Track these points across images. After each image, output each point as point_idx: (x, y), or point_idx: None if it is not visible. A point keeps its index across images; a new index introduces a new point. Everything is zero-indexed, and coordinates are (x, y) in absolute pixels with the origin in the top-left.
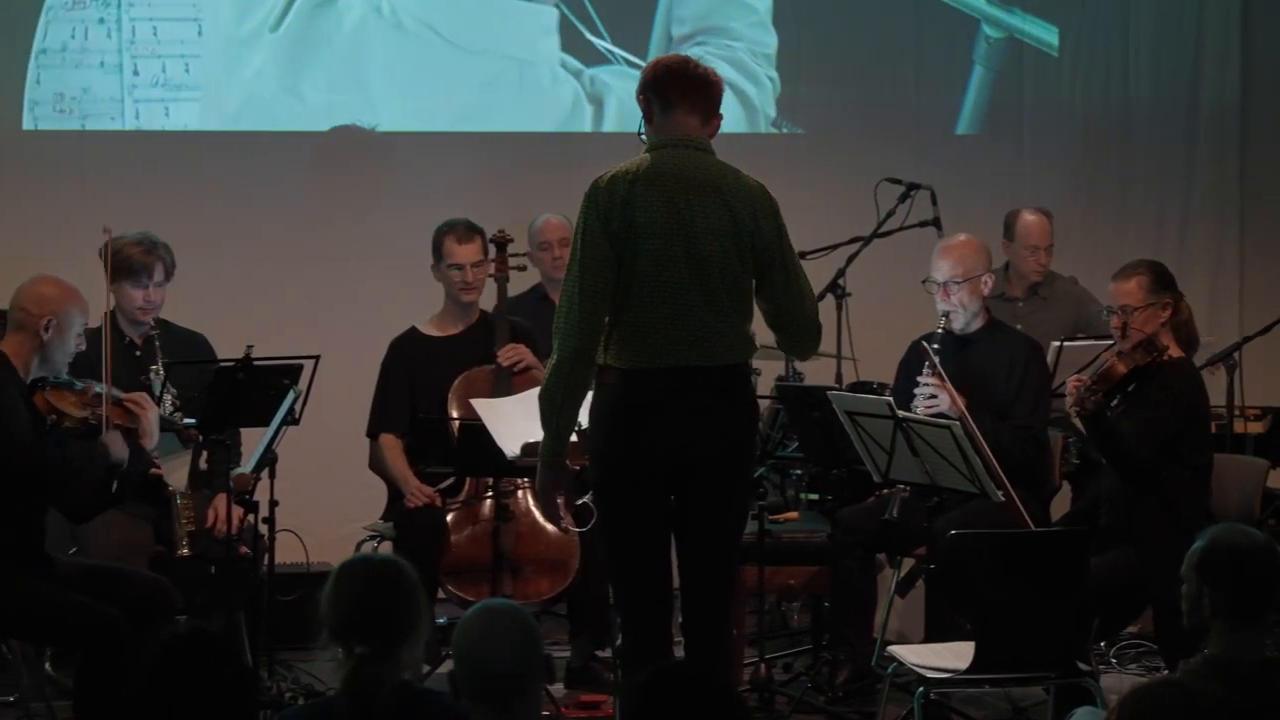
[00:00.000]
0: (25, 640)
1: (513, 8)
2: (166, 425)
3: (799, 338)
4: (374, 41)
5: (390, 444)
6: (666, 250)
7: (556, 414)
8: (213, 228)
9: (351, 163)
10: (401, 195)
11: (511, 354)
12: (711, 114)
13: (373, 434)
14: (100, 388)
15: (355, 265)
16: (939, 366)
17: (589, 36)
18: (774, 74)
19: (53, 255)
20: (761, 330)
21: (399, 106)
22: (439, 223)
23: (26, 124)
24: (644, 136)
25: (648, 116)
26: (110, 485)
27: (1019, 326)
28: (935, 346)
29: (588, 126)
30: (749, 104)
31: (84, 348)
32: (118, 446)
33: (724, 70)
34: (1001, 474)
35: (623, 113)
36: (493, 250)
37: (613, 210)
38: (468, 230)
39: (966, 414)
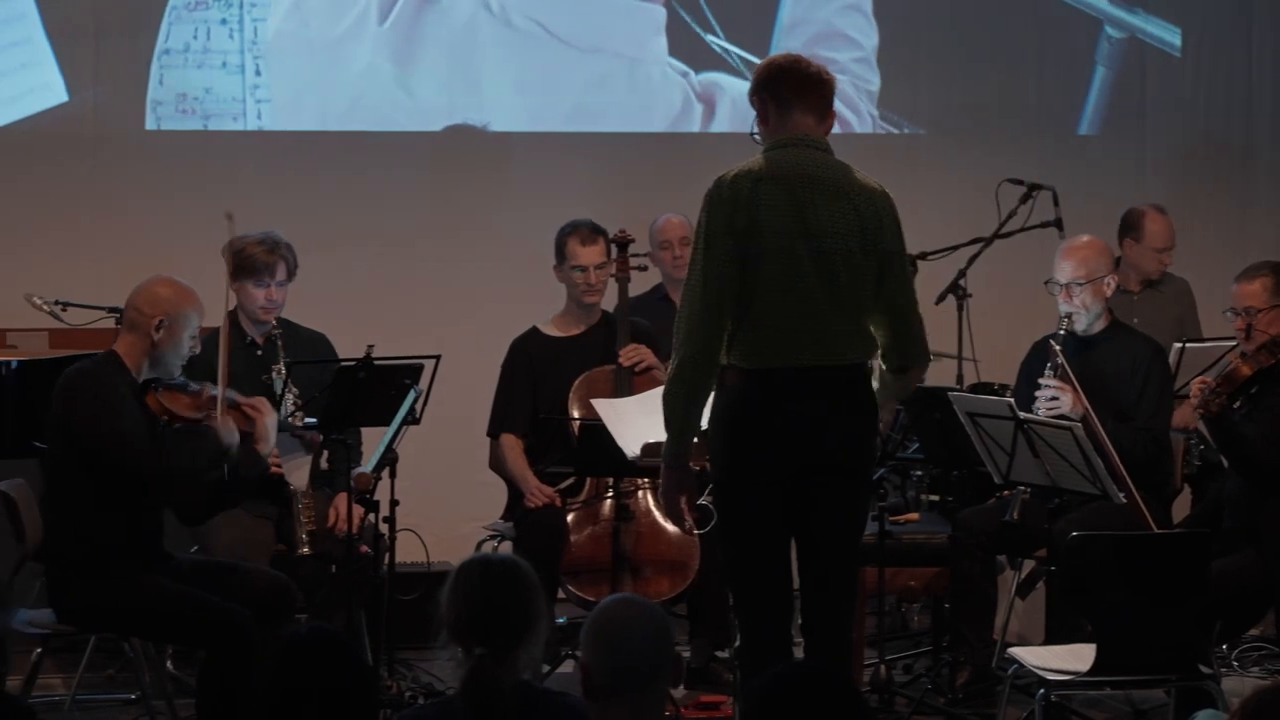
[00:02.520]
0: (147, 638)
1: (622, 5)
2: (285, 428)
3: (912, 342)
4: (483, 39)
5: (510, 444)
6: (791, 249)
7: (680, 415)
8: (334, 227)
9: (471, 163)
10: (521, 195)
11: (633, 354)
12: (826, 112)
13: (493, 434)
14: (216, 390)
15: (476, 265)
16: (1066, 367)
17: (704, 35)
18: (875, 110)
19: (175, 255)
20: None
21: (508, 104)
22: (558, 222)
23: (149, 124)
24: (757, 137)
25: (763, 117)
26: (222, 475)
27: (1134, 320)
28: (1058, 348)
29: (696, 127)
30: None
31: (198, 350)
32: (228, 430)
33: None
34: (1125, 475)
35: (735, 115)
36: (614, 250)
37: (737, 209)
38: (591, 232)
39: (1092, 414)
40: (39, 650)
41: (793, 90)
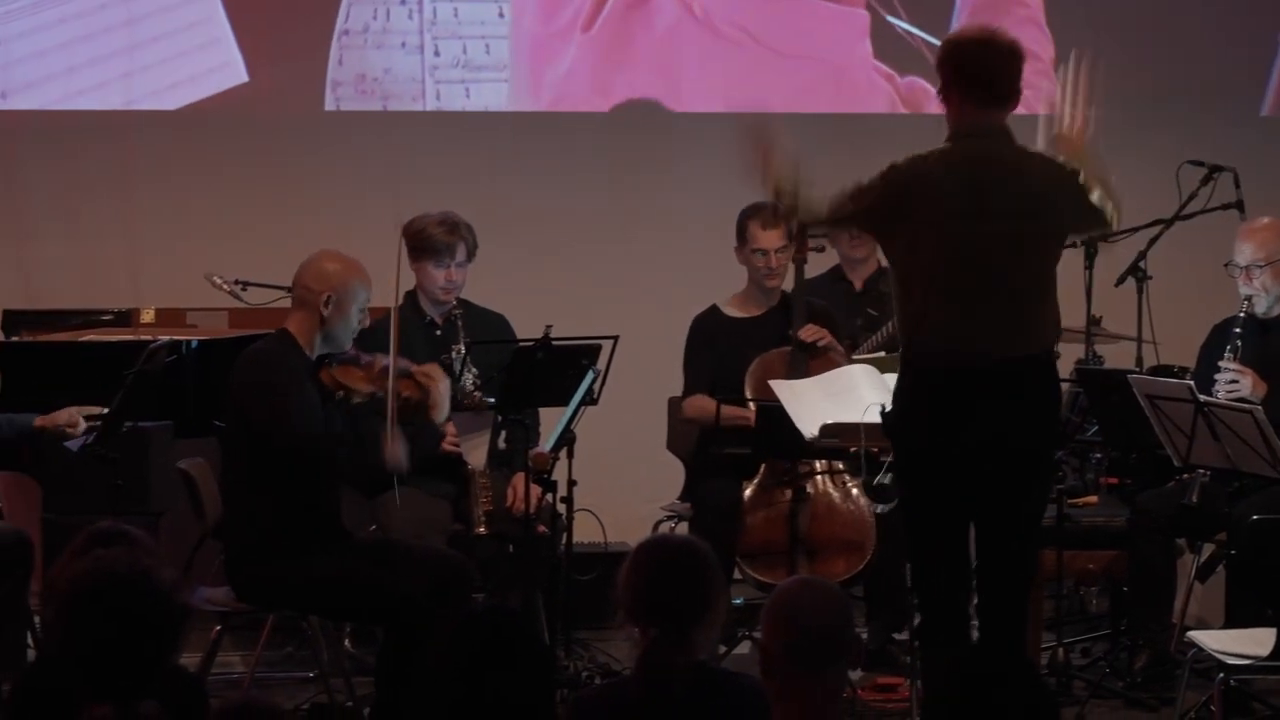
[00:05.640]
0: (324, 616)
1: (825, 10)
2: (460, 407)
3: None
4: (686, 43)
5: (704, 397)
6: (968, 236)
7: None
8: (512, 208)
9: (647, 143)
10: (697, 174)
11: (813, 333)
12: (1014, 96)
13: (687, 397)
14: (387, 360)
15: (654, 245)
16: None
17: (888, 19)
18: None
19: (354, 235)
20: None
21: (687, 96)
22: (737, 201)
23: (329, 105)
24: (940, 95)
25: (947, 97)
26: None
27: None
28: (1237, 330)
29: None
30: None
31: (367, 324)
32: (394, 458)
33: None
34: None
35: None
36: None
37: (908, 190)
38: (773, 215)
39: None
40: (218, 628)
41: (984, 83)
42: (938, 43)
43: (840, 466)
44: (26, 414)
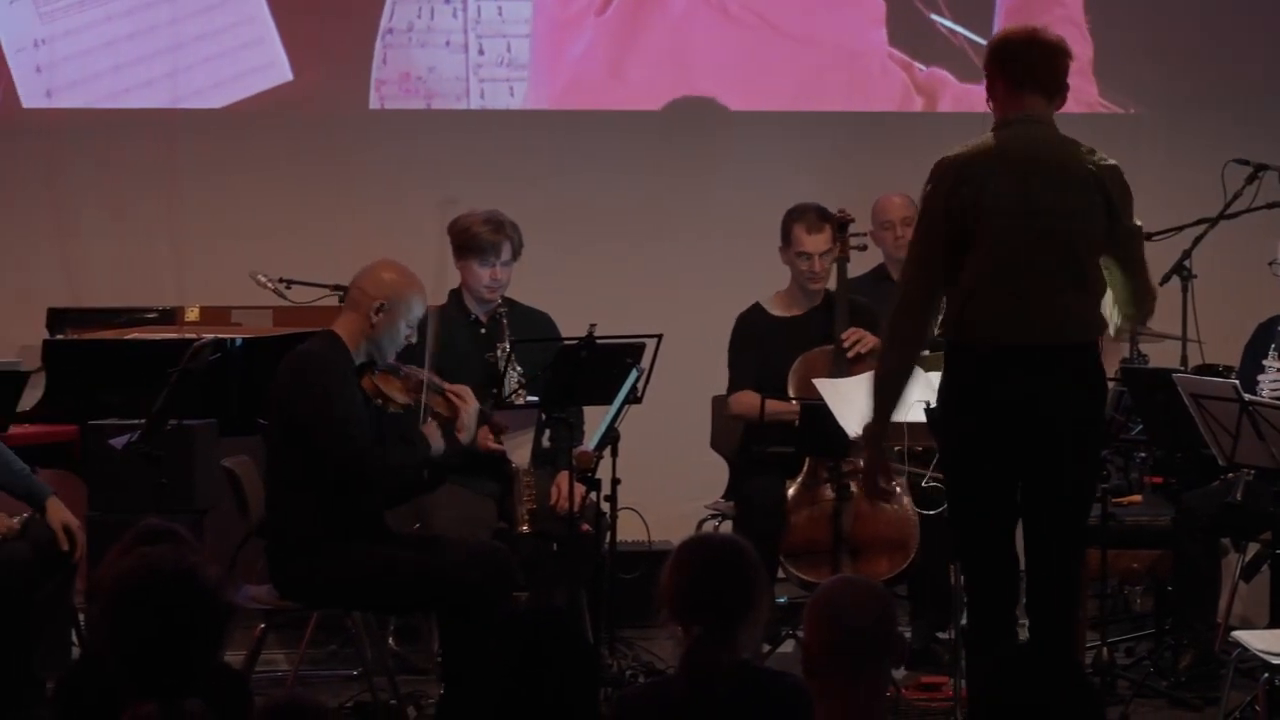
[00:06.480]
0: (370, 610)
1: None
2: (483, 419)
3: (1144, 303)
4: (700, 28)
5: (750, 393)
6: (1015, 230)
7: (879, 390)
8: (557, 206)
9: (692, 141)
10: (741, 173)
11: (853, 338)
12: (1059, 89)
13: (733, 393)
14: (423, 374)
15: (699, 243)
16: None
17: (932, 18)
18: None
19: (398, 234)
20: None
21: (725, 93)
22: (779, 200)
23: (373, 104)
24: (987, 94)
25: (992, 91)
26: (423, 480)
27: None
28: None
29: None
30: None
31: (414, 341)
32: (435, 439)
33: None
34: None
35: (958, 109)
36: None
37: (957, 189)
38: (818, 218)
39: None
40: (262, 625)
41: (1023, 68)
42: (979, 40)
43: None
44: (44, 485)
